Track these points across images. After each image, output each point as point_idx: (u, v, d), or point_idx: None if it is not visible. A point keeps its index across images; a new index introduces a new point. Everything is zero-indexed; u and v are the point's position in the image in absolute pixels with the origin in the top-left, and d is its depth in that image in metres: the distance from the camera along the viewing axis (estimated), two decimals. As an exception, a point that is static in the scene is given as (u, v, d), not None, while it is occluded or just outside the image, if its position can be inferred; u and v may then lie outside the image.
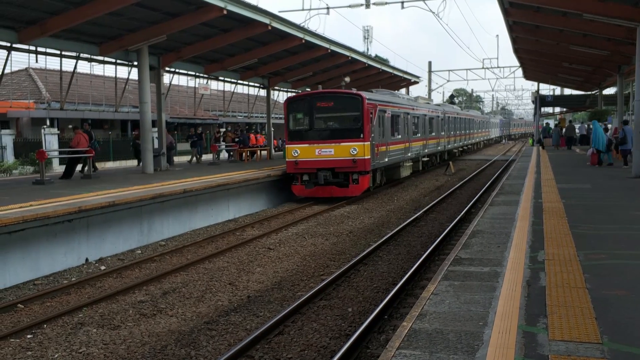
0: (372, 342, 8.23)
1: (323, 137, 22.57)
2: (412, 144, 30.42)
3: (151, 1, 18.47)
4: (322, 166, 22.12)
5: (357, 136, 22.12)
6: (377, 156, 23.32)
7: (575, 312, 6.06)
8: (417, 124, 32.16)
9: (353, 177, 22.29)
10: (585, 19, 21.57)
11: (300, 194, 23.01)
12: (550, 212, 12.60)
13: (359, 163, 22.01)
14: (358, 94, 22.64)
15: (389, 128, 25.69)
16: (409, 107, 30.46)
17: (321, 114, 22.92)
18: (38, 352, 8.27)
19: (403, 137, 28.66)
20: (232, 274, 12.30)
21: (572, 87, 56.60)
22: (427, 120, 34.94)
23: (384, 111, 24.79)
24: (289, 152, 22.69)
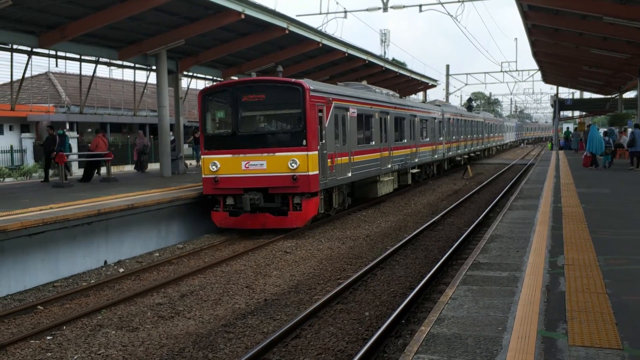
0: (389, 347, 8.20)
1: (252, 144, 16.53)
2: (393, 153, 24.50)
3: (170, 6, 18.59)
4: (250, 185, 16.38)
5: (297, 143, 16.22)
6: (331, 170, 17.55)
7: (596, 318, 6.00)
8: (402, 127, 26.32)
9: (294, 200, 16.38)
10: (605, 21, 21.41)
11: (223, 224, 17.07)
12: (569, 216, 12.49)
13: (302, 181, 16.07)
14: (297, 83, 16.47)
15: (355, 132, 20.06)
16: (388, 105, 24.38)
17: (249, 112, 17.11)
18: (57, 354, 8.34)
19: (379, 144, 22.73)
20: (249, 277, 12.32)
21: (592, 90, 56.14)
22: (418, 123, 29.18)
23: (346, 109, 19.23)
24: (206, 166, 16.78)
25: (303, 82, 16.48)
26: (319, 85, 18.26)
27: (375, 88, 25.12)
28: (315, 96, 16.73)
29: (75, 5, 17.74)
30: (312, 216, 16.92)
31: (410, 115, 27.73)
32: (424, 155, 30.27)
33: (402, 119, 26.34)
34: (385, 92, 25.75)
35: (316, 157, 16.47)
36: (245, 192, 16.33)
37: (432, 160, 32.63)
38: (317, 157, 16.51)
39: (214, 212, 16.99)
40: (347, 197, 20.27)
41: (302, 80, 16.67)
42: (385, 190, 23.83)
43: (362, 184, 22.05)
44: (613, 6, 19.81)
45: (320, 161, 16.70)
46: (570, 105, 53.04)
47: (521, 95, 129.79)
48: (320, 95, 17.13)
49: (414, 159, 28.21)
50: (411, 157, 27.72)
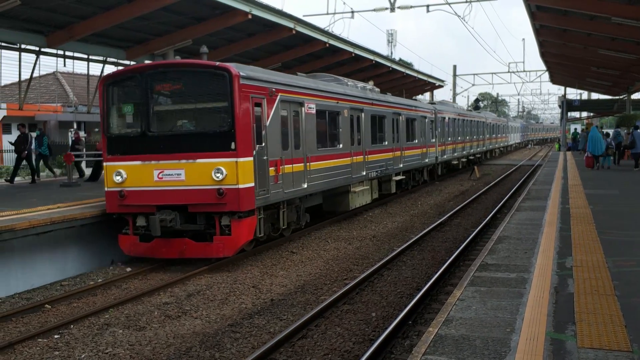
0: (396, 348, 8.19)
1: (167, 148, 13.00)
2: (369, 157, 20.93)
3: (177, 6, 18.60)
4: (165, 201, 12.88)
5: (224, 146, 12.63)
6: (275, 181, 14.06)
7: (605, 320, 5.97)
8: (381, 127, 22.82)
9: (221, 221, 12.81)
10: (613, 22, 21.32)
11: (132, 252, 13.52)
12: (577, 217, 12.44)
13: (230, 196, 12.50)
14: (222, 68, 12.81)
15: (313, 132, 16.49)
16: (362, 101, 20.81)
17: (163, 106, 13.70)
18: (65, 352, 8.36)
19: (348, 147, 19.07)
20: (256, 277, 12.32)
21: (600, 91, 55.93)
22: (403, 123, 25.47)
23: (299, 104, 15.69)
24: (109, 175, 13.33)
25: (231, 66, 12.80)
26: (256, 71, 14.21)
27: (347, 80, 21.14)
28: (250, 85, 13.12)
29: (83, 4, 17.77)
30: (246, 242, 13.23)
31: (393, 114, 24.08)
32: (411, 159, 26.59)
33: (381, 117, 22.70)
34: (361, 85, 22.14)
35: (250, 164, 12.86)
36: (159, 211, 12.82)
37: (421, 165, 29.03)
38: (253, 164, 12.92)
39: (121, 235, 13.45)
40: (303, 214, 16.42)
41: (231, 64, 12.96)
42: (360, 201, 20.54)
43: (330, 195, 18.75)
44: (622, 7, 19.72)
45: (258, 170, 13.14)
46: (577, 106, 52.87)
47: (528, 96, 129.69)
48: (257, 85, 13.52)
49: (397, 164, 24.42)
50: (394, 162, 23.95)
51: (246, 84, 12.98)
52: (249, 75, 13.35)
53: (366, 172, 20.57)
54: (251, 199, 12.92)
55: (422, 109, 29.59)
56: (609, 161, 27.55)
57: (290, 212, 15.48)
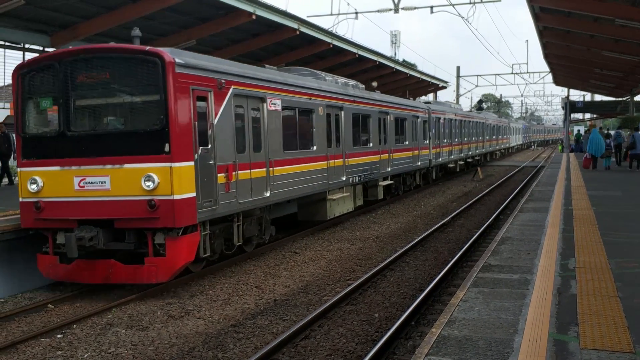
0: (399, 348, 8.20)
1: (90, 150, 10.96)
2: (350, 161, 18.92)
3: (182, 6, 18.65)
4: (87, 215, 10.89)
5: (156, 149, 10.61)
6: (227, 190, 12.02)
7: (607, 321, 5.98)
8: (365, 128, 20.88)
9: (155, 240, 10.82)
10: (617, 24, 21.29)
11: (52, 275, 11.51)
12: (580, 219, 12.44)
13: (163, 209, 10.50)
14: (154, 53, 10.76)
15: (279, 133, 14.46)
16: (342, 98, 18.65)
17: (85, 100, 11.33)
18: (68, 352, 8.38)
19: (324, 150, 17.10)
20: (259, 277, 12.33)
21: (603, 93, 55.88)
22: (392, 123, 23.53)
23: (260, 99, 13.59)
24: (23, 183, 11.39)
25: (164, 51, 10.78)
26: (200, 58, 11.92)
27: (325, 75, 18.99)
28: (191, 75, 11.12)
29: (87, 4, 17.82)
30: (185, 264, 11.08)
31: (379, 113, 22.02)
32: (400, 162, 24.54)
33: (365, 116, 20.67)
34: (342, 81, 20.06)
35: (190, 170, 10.84)
36: (80, 226, 10.85)
37: (413, 169, 26.99)
38: (194, 170, 10.93)
39: (40, 255, 11.45)
40: (268, 226, 14.68)
41: (166, 48, 11.06)
42: (339, 209, 18.68)
43: (306, 203, 17.31)
44: (625, 8, 19.71)
45: (202, 177, 11.15)
46: (581, 107, 52.80)
47: (532, 97, 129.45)
48: (201, 75, 11.47)
49: (384, 168, 22.45)
50: (381, 166, 21.95)
51: (185, 74, 10.92)
52: (189, 62, 11.19)
53: (346, 177, 18.56)
54: (191, 212, 10.81)
55: (414, 108, 27.57)
56: (608, 162, 28.23)
57: (249, 225, 13.50)
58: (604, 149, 27.70)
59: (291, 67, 19.00)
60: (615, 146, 29.67)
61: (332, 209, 17.92)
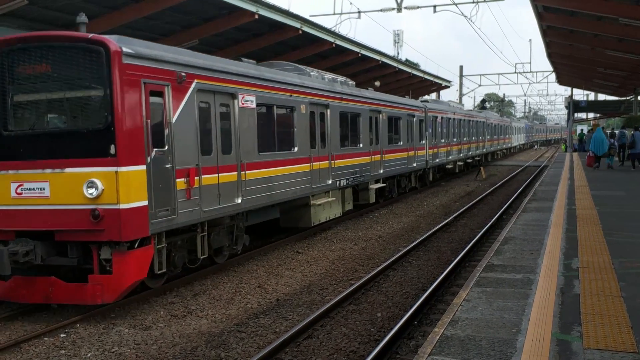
0: (401, 348, 8.19)
1: (29, 152, 9.79)
2: (337, 162, 17.73)
3: (184, 5, 18.65)
4: (26, 225, 9.76)
5: (100, 151, 9.40)
6: (188, 197, 10.77)
7: (611, 321, 5.97)
8: (355, 127, 19.63)
9: (100, 255, 9.61)
10: (621, 23, 21.26)
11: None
12: (584, 219, 12.42)
13: (108, 220, 9.33)
14: (99, 42, 9.44)
15: (253, 132, 13.16)
16: (327, 95, 17.33)
17: (23, 95, 10.01)
18: (71, 351, 8.38)
19: (307, 151, 15.84)
20: (261, 277, 12.34)
21: (607, 92, 55.82)
22: (384, 122, 22.26)
23: (231, 95, 12.35)
24: None
25: (109, 39, 9.46)
26: (154, 48, 10.43)
27: (310, 70, 17.69)
28: (143, 67, 9.83)
29: (90, 4, 17.83)
30: (136, 282, 9.82)
31: (370, 111, 20.78)
32: (394, 164, 23.28)
33: (355, 115, 19.47)
34: (329, 77, 18.73)
35: (141, 175, 9.61)
36: (18, 238, 9.68)
37: (408, 170, 25.72)
38: (146, 175, 9.70)
39: None
40: (241, 235, 13.30)
41: (112, 36, 9.69)
42: (325, 215, 17.49)
43: (288, 208, 15.99)
44: (629, 7, 19.67)
45: (156, 182, 9.92)
46: (584, 107, 52.79)
47: (535, 96, 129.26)
48: (156, 67, 10.14)
49: (376, 170, 21.26)
50: (372, 168, 20.77)
51: (135, 65, 9.64)
52: (140, 52, 9.83)
53: (333, 181, 17.32)
54: (141, 223, 9.57)
55: (410, 106, 26.07)
56: (611, 160, 28.74)
57: (217, 235, 12.22)
58: (607, 147, 28.12)
59: (273, 62, 17.38)
60: (619, 146, 29.80)
61: (316, 215, 16.75)
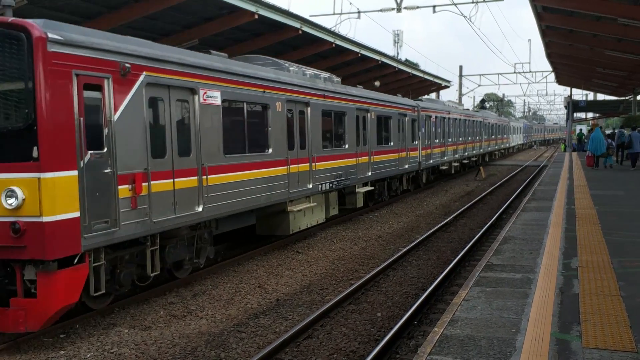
0: (401, 348, 8.20)
1: None
2: (319, 165, 16.36)
3: (185, 5, 18.66)
4: None
5: (21, 154, 8.20)
6: (132, 207, 9.50)
7: (610, 320, 5.98)
8: (340, 127, 18.42)
9: (24, 275, 8.44)
10: (620, 23, 21.28)
11: None
12: (583, 218, 12.43)
13: (31, 235, 8.10)
14: (20, 26, 8.24)
15: (217, 133, 11.80)
16: (307, 92, 15.87)
17: None
18: (71, 352, 8.39)
19: (284, 153, 14.45)
20: (261, 277, 12.34)
21: (606, 92, 55.83)
22: (373, 121, 20.95)
23: (190, 91, 11.03)
24: None
25: (33, 24, 8.24)
26: (90, 35, 9.08)
27: (290, 65, 16.40)
28: (74, 56, 8.56)
29: (90, 4, 17.84)
30: (65, 306, 8.52)
31: (357, 110, 19.48)
32: (383, 165, 21.97)
33: (340, 114, 18.16)
34: (311, 72, 17.47)
35: (70, 182, 8.35)
36: None
37: (399, 172, 24.28)
38: (77, 182, 8.46)
39: None
40: (206, 247, 12.11)
41: (37, 20, 8.39)
42: (306, 222, 16.15)
43: (265, 215, 14.74)
44: (628, 8, 19.68)
45: (90, 190, 8.67)
46: (583, 107, 52.82)
47: (534, 96, 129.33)
48: (92, 57, 8.86)
49: (364, 172, 19.93)
50: (359, 170, 19.44)
51: (64, 54, 8.37)
52: (71, 39, 8.54)
53: (314, 185, 15.98)
54: (72, 237, 8.32)
55: (401, 105, 24.64)
56: (610, 160, 29.20)
57: (173, 248, 10.98)
58: (605, 147, 28.57)
59: (250, 56, 15.75)
60: (617, 145, 29.97)
61: (296, 222, 15.42)
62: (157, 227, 10.03)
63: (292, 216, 15.19)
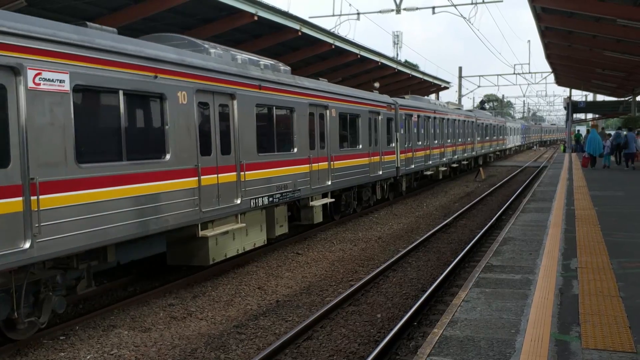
0: (401, 349, 8.20)
1: None
2: (251, 174, 12.92)
3: (184, 7, 18.68)
4: None
5: None
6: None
7: (609, 321, 5.98)
8: (284, 126, 14.84)
9: None
10: (619, 24, 21.30)
11: None
12: (582, 219, 12.44)
13: None
14: None
15: (60, 131, 8.33)
16: (230, 80, 12.28)
17: None
18: (70, 353, 8.39)
19: (189, 159, 10.90)
20: (261, 278, 12.34)
21: (605, 93, 55.84)
22: (333, 120, 17.46)
23: (12, 70, 7.67)
24: None
25: None
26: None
27: (212, 46, 13.04)
28: None
29: (89, 5, 17.86)
30: None
31: (310, 106, 15.96)
32: (349, 172, 18.49)
33: (285, 110, 14.76)
34: (245, 57, 14.03)
35: None
36: None
37: (371, 180, 20.69)
38: None
39: None
40: (51, 297, 8.77)
41: None
42: (236, 246, 12.76)
43: (176, 240, 11.78)
44: (627, 9, 19.70)
45: None
46: (583, 107, 52.81)
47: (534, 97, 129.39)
48: None
49: (321, 182, 16.51)
50: (314, 179, 16.01)
51: None
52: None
53: (244, 200, 12.50)
54: None
55: (373, 102, 21.30)
56: (607, 160, 29.73)
57: None
58: (602, 148, 29.29)
59: (161, 35, 12.66)
60: (616, 146, 30.12)
61: (219, 248, 12.10)
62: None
63: (212, 242, 11.78)
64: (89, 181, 8.74)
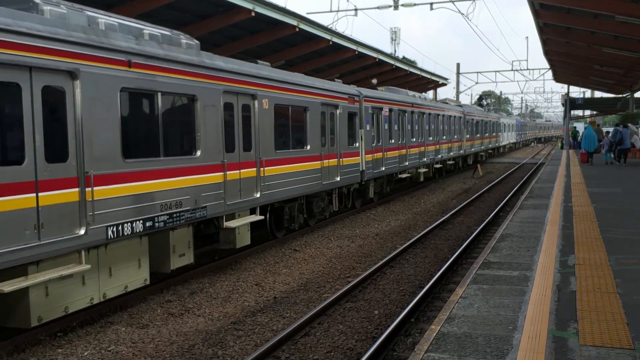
0: (398, 345, 8.20)
1: None
2: (125, 187, 9.36)
3: (181, 3, 18.63)
4: None
5: None
6: None
7: (607, 318, 5.98)
8: (188, 123, 11.05)
9: None
10: (617, 20, 21.29)
11: None
12: (580, 216, 12.44)
13: None
14: None
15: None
16: (104, 57, 8.92)
17: None
18: (68, 350, 8.37)
19: (28, 171, 7.69)
20: (259, 275, 12.33)
21: (603, 89, 55.84)
22: (269, 114, 13.71)
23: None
24: None
25: None
26: None
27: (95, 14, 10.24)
28: None
29: (87, 1, 17.81)
30: None
31: (225, 94, 12.13)
32: (290, 181, 14.76)
33: (186, 99, 11.01)
34: (148, 31, 10.64)
35: None
36: None
37: (323, 189, 16.92)
38: None
39: None
40: None
41: None
42: (90, 296, 9.09)
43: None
44: (626, 5, 19.68)
45: None
46: (581, 104, 52.83)
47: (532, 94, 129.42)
48: None
49: (248, 194, 12.85)
50: (235, 191, 12.35)
51: None
52: None
53: (95, 230, 8.76)
54: None
55: (326, 92, 17.29)
56: (608, 157, 30.07)
57: None
58: (597, 144, 30.24)
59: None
60: (613, 142, 30.37)
61: (53, 302, 8.44)
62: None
63: (40, 294, 8.23)
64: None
